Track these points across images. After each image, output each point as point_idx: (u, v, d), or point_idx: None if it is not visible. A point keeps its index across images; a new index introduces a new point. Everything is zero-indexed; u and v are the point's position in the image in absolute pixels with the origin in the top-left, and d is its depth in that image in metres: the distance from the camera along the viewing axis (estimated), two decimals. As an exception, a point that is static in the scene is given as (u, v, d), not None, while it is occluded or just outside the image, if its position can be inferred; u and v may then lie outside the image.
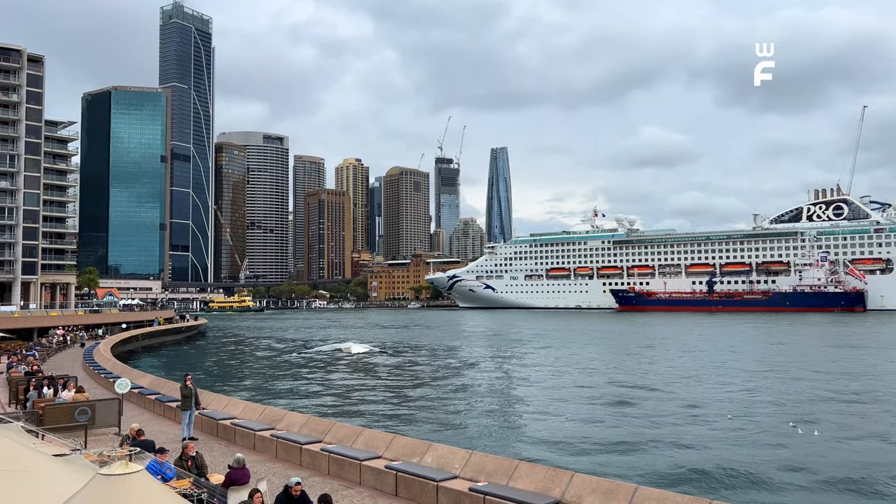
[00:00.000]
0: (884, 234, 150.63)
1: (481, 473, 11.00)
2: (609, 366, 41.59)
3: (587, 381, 34.26)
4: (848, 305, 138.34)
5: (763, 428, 22.28)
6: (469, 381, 35.50)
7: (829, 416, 24.49)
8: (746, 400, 27.82)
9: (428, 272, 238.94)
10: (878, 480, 16.22)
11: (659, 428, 22.29)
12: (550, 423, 23.48)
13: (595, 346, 58.69)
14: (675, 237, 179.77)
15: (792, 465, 17.60)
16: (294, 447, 13.83)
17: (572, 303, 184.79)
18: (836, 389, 30.92)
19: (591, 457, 18.61)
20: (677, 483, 15.68)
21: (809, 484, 16.08)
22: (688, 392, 30.13)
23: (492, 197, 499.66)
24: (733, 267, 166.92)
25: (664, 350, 53.12)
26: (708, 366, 40.97)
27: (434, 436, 20.40)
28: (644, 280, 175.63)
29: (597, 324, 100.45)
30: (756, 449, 19.38)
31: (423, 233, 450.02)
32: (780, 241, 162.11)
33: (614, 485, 9.87)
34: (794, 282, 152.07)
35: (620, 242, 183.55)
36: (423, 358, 50.40)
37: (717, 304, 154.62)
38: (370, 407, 27.28)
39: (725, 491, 15.31)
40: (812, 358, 46.31)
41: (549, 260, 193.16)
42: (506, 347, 58.07)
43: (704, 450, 19.28)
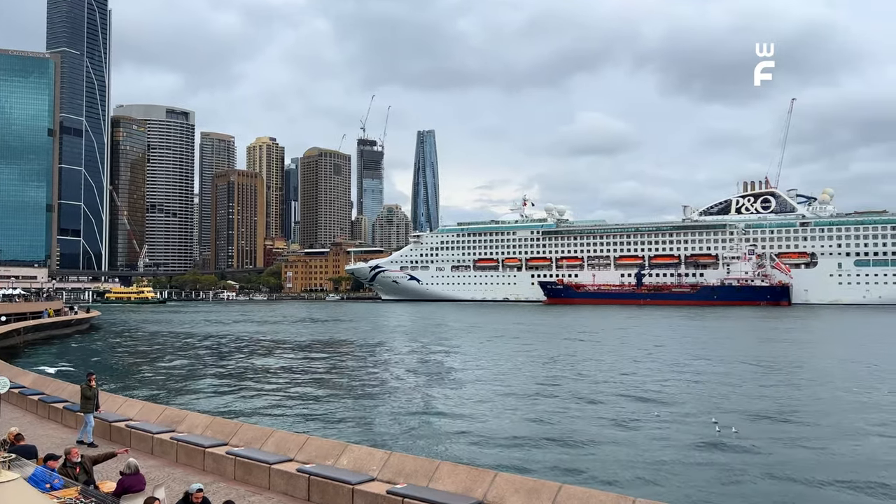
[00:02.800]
0: (809, 228, 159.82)
1: (400, 475, 11.04)
2: (536, 361, 42.47)
3: (513, 378, 34.90)
4: (774, 299, 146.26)
5: (687, 424, 23.28)
6: (390, 379, 35.51)
7: (752, 413, 25.83)
8: (673, 396, 28.99)
9: (348, 262, 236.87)
10: (795, 479, 17.25)
11: (585, 425, 22.96)
12: (475, 421, 23.79)
13: (522, 340, 59.81)
14: (604, 228, 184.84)
15: (711, 462, 18.48)
16: (196, 451, 13.47)
17: (500, 295, 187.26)
18: (759, 386, 32.67)
19: (516, 455, 18.98)
20: (602, 481, 16.20)
21: (726, 481, 16.94)
22: (615, 388, 31.14)
23: (418, 183, 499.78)
24: (662, 259, 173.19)
25: (591, 345, 54.70)
26: (635, 361, 42.43)
27: (351, 437, 20.31)
28: (573, 272, 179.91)
29: (524, 317, 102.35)
30: (679, 445, 20.24)
31: (343, 220, 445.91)
32: (709, 234, 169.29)
33: (538, 484, 10.10)
34: (722, 275, 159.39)
35: (550, 233, 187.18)
36: (342, 354, 50.06)
37: (645, 297, 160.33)
38: (282, 407, 26.89)
39: (649, 488, 15.92)
40: (738, 353, 48.71)
41: (476, 250, 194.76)
42: (430, 343, 58.38)
43: (630, 446, 19.99)
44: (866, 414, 25.16)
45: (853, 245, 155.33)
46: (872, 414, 25.16)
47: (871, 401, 28.14)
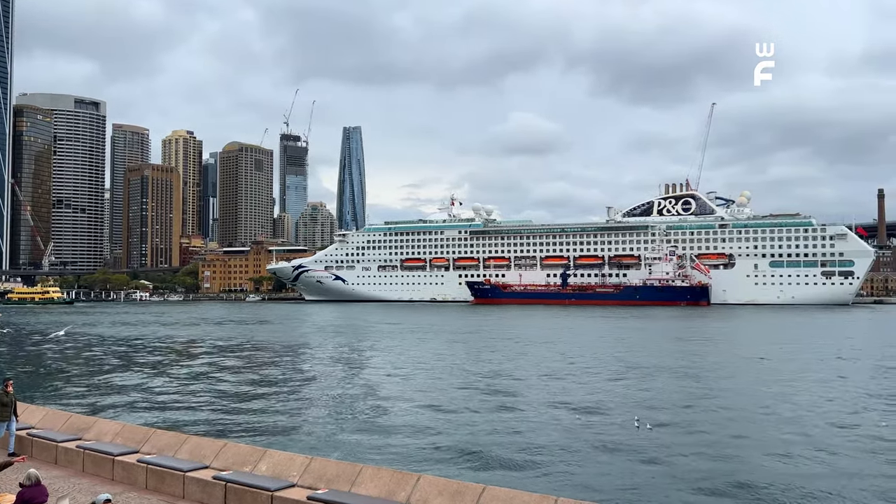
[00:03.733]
0: (727, 230, 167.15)
1: (322, 480, 10.95)
2: (461, 363, 42.81)
3: (438, 380, 35.08)
4: (693, 299, 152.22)
5: (609, 422, 23.96)
6: (313, 382, 35.11)
7: (671, 409, 26.83)
8: (595, 395, 29.76)
9: (270, 261, 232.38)
10: (712, 469, 18.02)
11: (509, 425, 23.31)
12: (399, 424, 23.81)
13: (447, 341, 60.17)
14: (531, 229, 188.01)
15: (632, 459, 19.09)
16: (105, 459, 12.97)
17: (427, 295, 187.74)
18: (678, 384, 33.95)
19: (440, 458, 19.11)
20: (526, 481, 16.50)
21: (645, 475, 17.54)
22: (539, 388, 31.73)
23: (343, 180, 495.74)
24: (587, 260, 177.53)
25: (516, 345, 55.52)
26: (558, 361, 43.33)
27: (271, 442, 19.99)
28: (500, 272, 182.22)
29: (451, 318, 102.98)
30: (601, 443, 20.83)
31: (264, 217, 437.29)
32: (632, 235, 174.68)
33: (462, 486, 10.20)
34: (644, 275, 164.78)
35: (477, 233, 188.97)
36: (262, 357, 49.13)
37: (570, 297, 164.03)
38: (198, 412, 26.19)
39: (572, 487, 16.31)
40: (659, 353, 50.42)
41: (404, 250, 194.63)
42: (355, 344, 58.01)
43: (553, 446, 20.42)
44: (777, 407, 26.52)
45: (768, 247, 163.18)
46: (782, 406, 26.54)
47: (781, 394, 29.65)
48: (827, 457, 19.22)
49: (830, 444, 20.74)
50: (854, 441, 21.14)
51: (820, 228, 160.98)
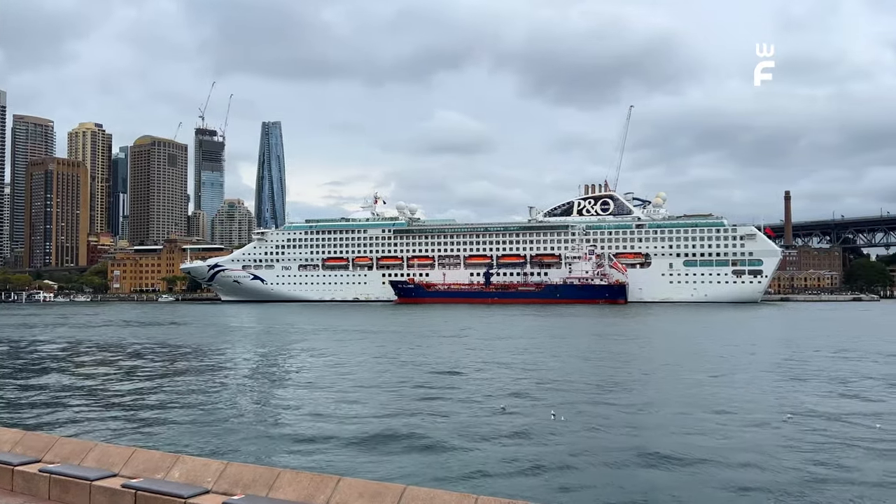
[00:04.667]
0: (643, 230, 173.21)
1: (238, 486, 10.74)
2: (383, 362, 42.74)
3: (359, 380, 34.90)
4: (611, 297, 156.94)
5: (527, 417, 24.44)
6: (229, 384, 34.31)
7: (588, 402, 27.58)
8: (516, 391, 30.26)
9: (184, 260, 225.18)
10: (630, 462, 18.64)
11: (430, 424, 23.44)
12: (318, 425, 23.58)
13: (370, 341, 59.93)
14: (454, 228, 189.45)
15: (549, 452, 19.55)
16: (4, 469, 12.33)
17: (350, 295, 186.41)
18: (596, 377, 34.91)
19: (361, 459, 19.05)
20: (446, 480, 16.64)
21: (563, 469, 17.99)
22: (462, 386, 32.01)
23: (262, 177, 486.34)
24: (509, 259, 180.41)
25: (439, 344, 55.84)
26: (481, 359, 43.83)
27: (184, 447, 19.44)
28: (424, 271, 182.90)
29: (374, 317, 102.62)
30: (520, 439, 21.22)
31: (178, 215, 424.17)
32: (553, 235, 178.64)
33: (382, 486, 10.21)
34: (564, 274, 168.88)
35: (401, 232, 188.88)
36: (175, 359, 47.64)
37: (493, 295, 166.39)
38: (106, 418, 25.19)
39: (493, 485, 16.55)
40: (577, 349, 51.70)
41: (326, 249, 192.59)
42: (273, 345, 57.01)
43: (473, 444, 20.66)
44: (688, 399, 27.66)
45: (682, 246, 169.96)
46: (696, 397, 27.71)
47: (691, 387, 30.93)
48: (726, 444, 20.19)
49: (735, 433, 21.78)
50: (756, 432, 22.27)
51: (731, 229, 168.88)
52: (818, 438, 21.12)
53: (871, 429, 22.42)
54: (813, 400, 28.02)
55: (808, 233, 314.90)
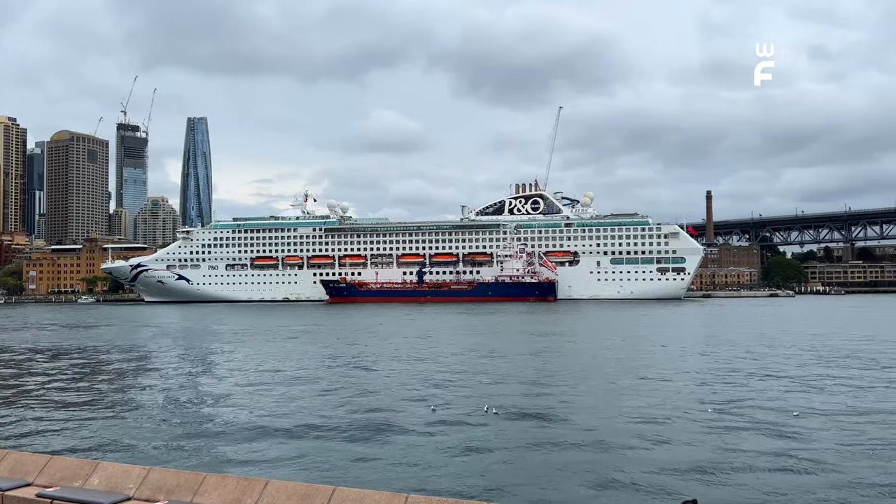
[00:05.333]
0: (572, 229, 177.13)
1: (161, 492, 10.48)
2: (313, 362, 42.32)
3: (287, 381, 34.45)
4: (542, 295, 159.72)
5: (462, 412, 24.65)
6: (151, 388, 33.31)
7: (521, 398, 28.00)
8: (449, 388, 30.45)
9: (105, 260, 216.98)
10: (557, 456, 19.03)
11: (362, 424, 23.35)
12: (246, 428, 23.17)
13: (300, 341, 59.20)
14: (387, 226, 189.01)
15: (482, 449, 19.77)
16: None
17: (280, 295, 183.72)
18: (526, 373, 35.46)
19: (290, 461, 18.82)
20: (377, 480, 16.63)
21: (494, 464, 18.23)
22: (395, 384, 31.98)
23: (188, 174, 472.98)
24: (442, 258, 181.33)
25: (371, 343, 55.60)
26: (414, 357, 43.91)
27: (104, 454, 18.80)
28: (356, 270, 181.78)
29: (304, 317, 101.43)
30: (451, 436, 21.37)
31: (99, 213, 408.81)
32: (485, 233, 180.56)
33: (311, 488, 10.14)
34: (496, 272, 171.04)
35: (333, 230, 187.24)
36: (94, 363, 45.93)
37: (426, 294, 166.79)
38: (19, 425, 24.10)
39: (427, 484, 16.63)
40: (510, 345, 52.38)
41: (254, 248, 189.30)
42: (199, 347, 55.61)
43: (404, 443, 20.69)
44: (615, 392, 28.46)
45: (609, 245, 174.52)
46: (625, 390, 28.53)
47: (617, 381, 31.82)
48: (655, 437, 20.89)
49: (665, 427, 22.53)
50: (671, 421, 23.09)
51: (655, 227, 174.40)
52: (737, 425, 22.07)
53: (789, 415, 23.54)
54: (735, 393, 29.20)
55: (728, 231, 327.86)
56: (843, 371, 35.70)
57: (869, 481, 16.43)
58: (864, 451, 19.12)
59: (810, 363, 39.21)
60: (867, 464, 17.88)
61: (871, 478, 16.70)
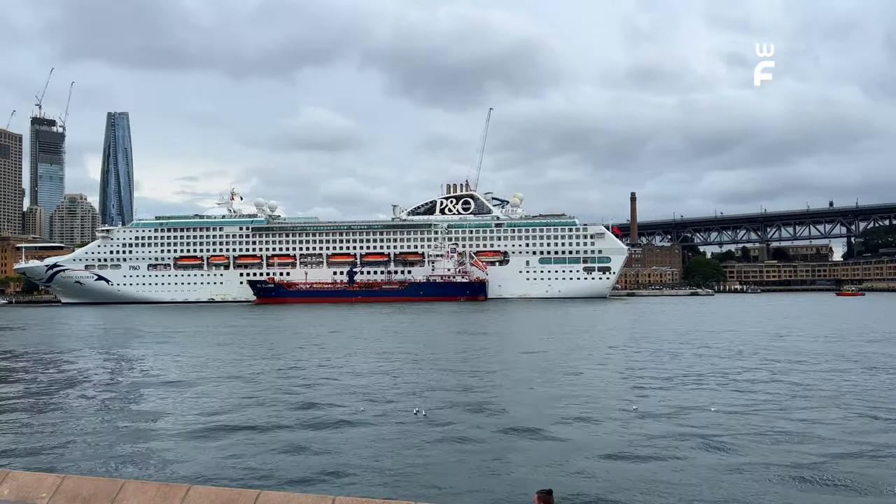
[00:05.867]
0: (502, 229, 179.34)
1: (77, 500, 10.16)
2: (236, 364, 41.53)
3: (211, 383, 33.74)
4: (472, 294, 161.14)
5: (389, 415, 24.65)
6: (67, 394, 32.01)
7: (451, 397, 28.23)
8: (379, 390, 30.38)
9: (18, 260, 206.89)
10: (487, 455, 19.28)
11: (288, 426, 23.09)
12: (167, 433, 22.60)
13: (224, 343, 57.95)
14: (317, 226, 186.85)
15: (411, 449, 19.86)
16: None
17: (205, 295, 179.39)
18: (458, 372, 35.75)
19: (214, 465, 18.44)
20: (304, 483, 16.50)
21: (423, 466, 18.35)
22: (323, 386, 31.71)
23: (108, 171, 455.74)
24: (373, 257, 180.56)
25: (299, 344, 54.93)
26: (344, 358, 43.64)
27: (16, 462, 18.00)
28: (285, 270, 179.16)
29: (231, 318, 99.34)
30: (378, 435, 21.38)
31: (12, 210, 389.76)
32: (416, 233, 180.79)
33: (235, 493, 10.01)
34: (427, 272, 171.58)
35: (260, 229, 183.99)
36: (6, 368, 43.83)
37: (357, 294, 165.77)
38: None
39: (350, 486, 16.60)
40: (441, 345, 52.63)
41: (178, 247, 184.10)
42: (118, 350, 53.74)
43: (333, 444, 20.58)
44: (544, 391, 29.02)
45: (538, 245, 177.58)
46: (552, 386, 29.11)
47: (548, 379, 32.45)
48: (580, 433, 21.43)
49: (588, 424, 23.13)
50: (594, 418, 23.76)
51: (582, 228, 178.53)
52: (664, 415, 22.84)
53: (708, 412, 24.52)
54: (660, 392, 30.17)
55: (651, 232, 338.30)
56: (757, 366, 37.42)
57: (769, 462, 17.33)
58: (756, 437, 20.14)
59: (727, 360, 40.91)
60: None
61: (771, 458, 17.61)
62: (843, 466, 17.59)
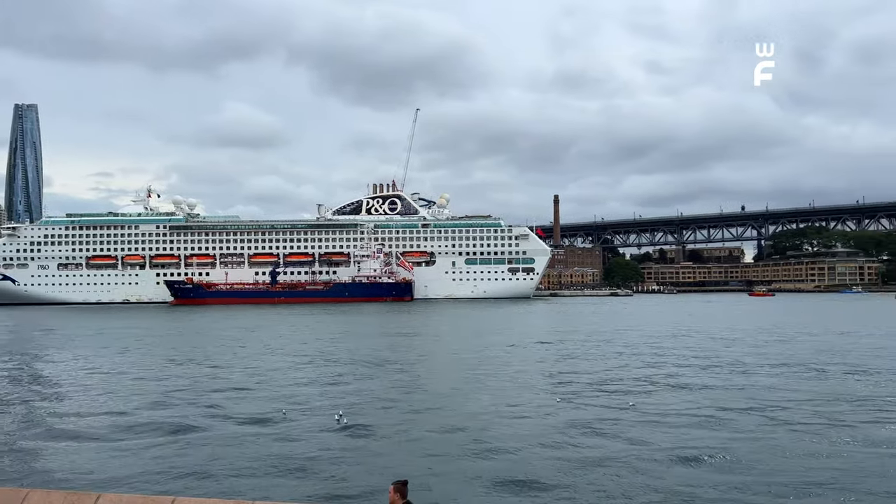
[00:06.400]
0: (428, 230, 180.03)
1: (-25, 512, 9.72)
2: (150, 367, 40.33)
3: (122, 387, 32.67)
4: (398, 295, 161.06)
5: (312, 419, 24.45)
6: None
7: (373, 401, 28.22)
8: (300, 395, 30.07)
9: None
10: (404, 460, 19.39)
11: (205, 432, 22.63)
12: (73, 437, 21.79)
13: (137, 345, 56.10)
14: (238, 225, 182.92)
15: (330, 455, 19.78)
16: None
17: (119, 296, 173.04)
18: (385, 374, 35.73)
19: (126, 473, 17.91)
20: (217, 491, 16.23)
21: (339, 468, 18.33)
22: (240, 388, 31.14)
23: (14, 165, 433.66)
24: (297, 257, 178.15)
25: (218, 345, 53.73)
26: (263, 360, 42.94)
27: None
28: (204, 270, 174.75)
29: (146, 320, 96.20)
30: (301, 441, 21.20)
31: None
32: (342, 233, 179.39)
33: (148, 500, 9.81)
34: (353, 273, 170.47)
35: (178, 228, 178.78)
36: None
37: (280, 295, 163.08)
38: None
39: (271, 493, 16.42)
40: (365, 347, 52.42)
41: (91, 246, 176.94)
42: (24, 354, 51.26)
43: (249, 451, 20.29)
44: (469, 390, 29.37)
45: (464, 245, 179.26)
46: (474, 388, 29.48)
47: (467, 376, 32.84)
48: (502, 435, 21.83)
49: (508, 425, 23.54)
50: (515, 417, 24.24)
51: (507, 229, 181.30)
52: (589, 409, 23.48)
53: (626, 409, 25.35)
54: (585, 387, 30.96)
55: (573, 233, 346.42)
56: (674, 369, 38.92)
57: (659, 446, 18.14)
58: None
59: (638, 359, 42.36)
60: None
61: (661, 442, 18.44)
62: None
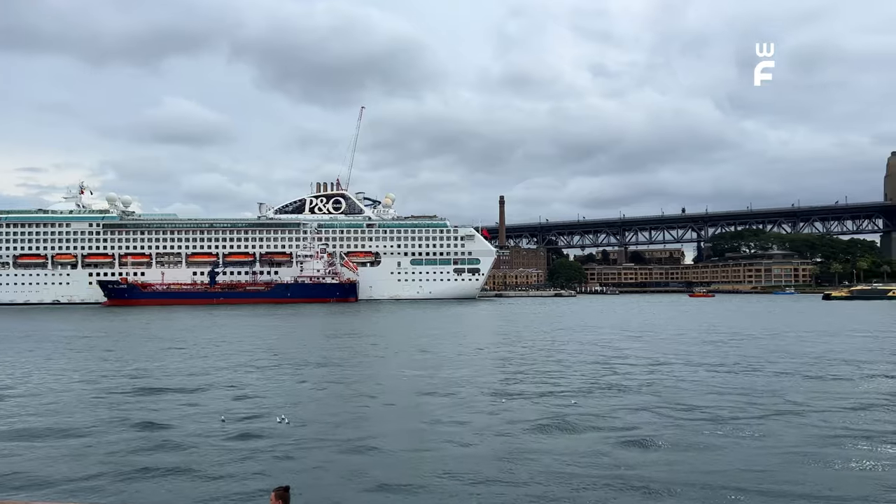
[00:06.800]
0: (374, 230, 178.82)
1: None
2: (82, 370, 38.43)
3: (53, 391, 30.90)
4: (343, 296, 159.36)
5: (254, 421, 23.42)
6: None
7: (316, 403, 27.29)
8: (240, 398, 28.93)
9: None
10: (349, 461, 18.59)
11: (141, 437, 21.43)
12: (9, 447, 20.29)
13: (68, 347, 53.58)
14: (175, 223, 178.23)
15: (275, 457, 18.86)
16: None
17: (49, 297, 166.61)
18: (327, 376, 34.74)
19: (56, 481, 16.63)
20: (162, 501, 15.21)
21: (287, 474, 17.44)
22: (177, 392, 29.82)
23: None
24: (237, 257, 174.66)
25: (151, 348, 51.75)
26: (202, 363, 41.50)
27: None
28: (139, 270, 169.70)
29: (77, 322, 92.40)
30: (242, 446, 20.19)
31: None
32: (284, 233, 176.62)
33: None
34: (296, 273, 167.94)
35: (112, 226, 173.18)
36: None
37: (219, 296, 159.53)
38: None
39: (211, 499, 15.48)
40: (307, 350, 51.26)
41: (18, 244, 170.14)
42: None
43: (189, 457, 19.25)
44: (406, 389, 28.70)
45: (410, 246, 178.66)
46: (410, 385, 28.82)
47: (410, 376, 32.18)
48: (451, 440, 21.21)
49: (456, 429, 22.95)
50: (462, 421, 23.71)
51: (453, 230, 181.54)
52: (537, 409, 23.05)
53: (569, 406, 25.03)
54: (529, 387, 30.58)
55: (519, 234, 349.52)
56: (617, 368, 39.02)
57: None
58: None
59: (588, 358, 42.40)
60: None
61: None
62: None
